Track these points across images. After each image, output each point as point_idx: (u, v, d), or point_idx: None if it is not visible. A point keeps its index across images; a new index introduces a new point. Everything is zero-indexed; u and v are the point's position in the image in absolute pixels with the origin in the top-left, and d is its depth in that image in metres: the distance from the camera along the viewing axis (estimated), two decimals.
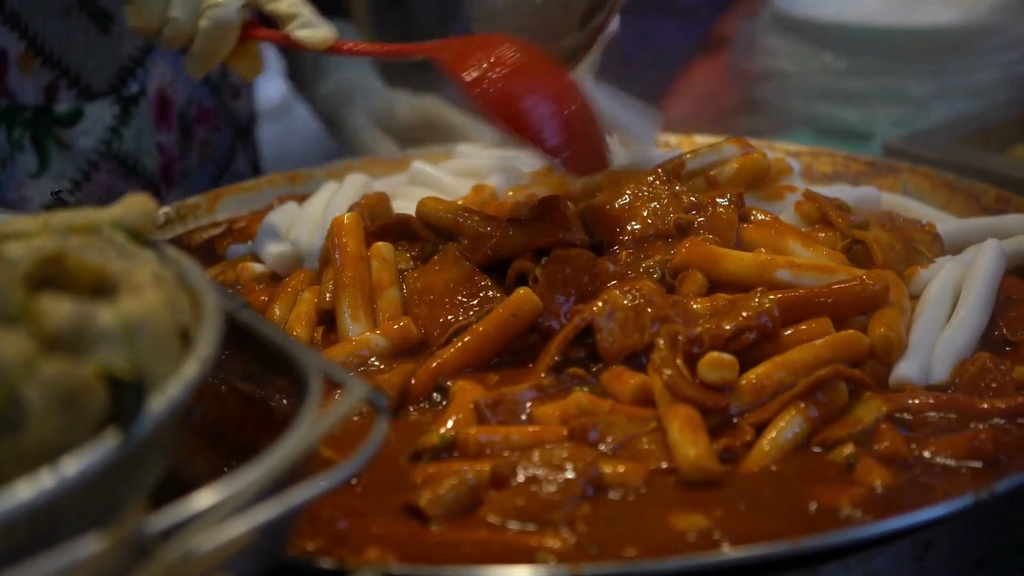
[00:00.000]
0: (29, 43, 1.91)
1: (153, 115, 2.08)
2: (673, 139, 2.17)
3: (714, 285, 1.53)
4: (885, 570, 1.19)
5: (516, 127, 1.53)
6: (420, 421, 1.40)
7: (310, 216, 1.90)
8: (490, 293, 1.53)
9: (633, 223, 1.60)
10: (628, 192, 1.65)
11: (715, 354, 1.35)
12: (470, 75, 1.54)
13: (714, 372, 1.34)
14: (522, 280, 1.55)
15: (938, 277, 1.55)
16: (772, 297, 1.42)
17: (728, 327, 1.38)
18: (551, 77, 1.59)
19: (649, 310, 1.43)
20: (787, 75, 2.87)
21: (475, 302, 1.53)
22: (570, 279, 1.51)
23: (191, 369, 0.95)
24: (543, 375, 1.44)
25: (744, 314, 1.39)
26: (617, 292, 1.45)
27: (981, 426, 1.33)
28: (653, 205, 1.61)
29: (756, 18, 2.99)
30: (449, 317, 1.53)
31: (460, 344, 1.48)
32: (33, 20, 1.91)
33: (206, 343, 0.98)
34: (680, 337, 1.37)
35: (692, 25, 3.35)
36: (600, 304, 1.44)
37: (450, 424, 1.35)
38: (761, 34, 2.94)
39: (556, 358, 1.45)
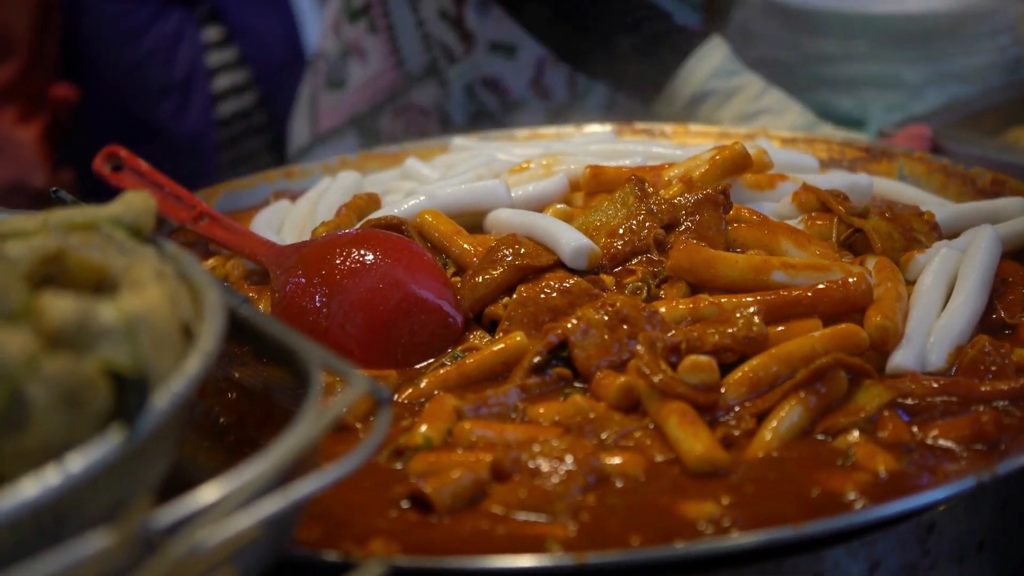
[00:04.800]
0: None
1: None
2: (668, 128, 2.17)
3: (706, 288, 1.51)
4: (888, 554, 1.20)
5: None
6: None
7: (298, 215, 1.90)
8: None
9: (613, 241, 1.58)
10: (603, 211, 1.63)
11: (693, 357, 1.34)
12: (288, 289, 1.56)
13: (694, 376, 1.33)
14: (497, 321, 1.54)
15: (932, 264, 1.55)
16: (758, 321, 1.39)
17: (708, 344, 1.37)
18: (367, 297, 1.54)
19: (625, 326, 1.42)
20: (780, 62, 2.88)
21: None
22: (537, 313, 1.50)
23: (194, 364, 0.95)
24: (524, 379, 1.42)
25: (729, 329, 1.38)
26: (591, 309, 1.44)
27: (983, 408, 1.33)
28: (631, 223, 1.59)
29: (749, 6, 2.99)
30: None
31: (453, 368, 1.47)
32: None
33: (208, 338, 0.98)
34: (659, 344, 1.37)
35: None
36: (574, 322, 1.44)
37: (430, 424, 1.34)
38: (754, 22, 2.94)
39: (530, 374, 1.43)
